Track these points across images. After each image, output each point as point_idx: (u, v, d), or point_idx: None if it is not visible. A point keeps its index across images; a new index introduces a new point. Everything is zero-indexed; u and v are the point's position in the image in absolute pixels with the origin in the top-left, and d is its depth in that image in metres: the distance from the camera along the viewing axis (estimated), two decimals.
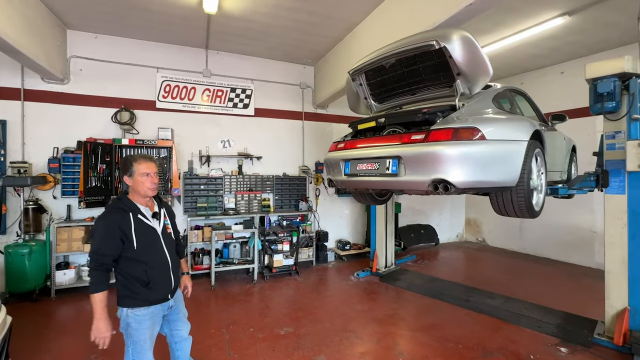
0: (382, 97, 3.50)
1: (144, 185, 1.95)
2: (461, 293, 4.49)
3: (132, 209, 1.94)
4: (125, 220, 1.88)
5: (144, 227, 1.95)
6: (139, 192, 1.96)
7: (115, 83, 5.18)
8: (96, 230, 1.88)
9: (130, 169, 1.95)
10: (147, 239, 1.96)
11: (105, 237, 1.84)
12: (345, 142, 3.16)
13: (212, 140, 5.79)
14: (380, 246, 5.48)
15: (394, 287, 4.85)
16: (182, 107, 5.57)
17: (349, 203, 6.98)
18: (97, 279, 1.83)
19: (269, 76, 6.22)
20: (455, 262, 6.45)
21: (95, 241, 1.85)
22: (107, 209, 1.95)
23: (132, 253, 1.89)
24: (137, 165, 1.94)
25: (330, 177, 3.32)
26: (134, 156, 2.01)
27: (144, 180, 1.95)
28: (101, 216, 1.91)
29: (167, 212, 2.22)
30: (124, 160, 2.03)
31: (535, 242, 6.73)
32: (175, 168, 5.13)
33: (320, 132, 6.71)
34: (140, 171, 1.94)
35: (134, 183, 1.95)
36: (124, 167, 1.99)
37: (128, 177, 1.96)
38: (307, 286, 4.95)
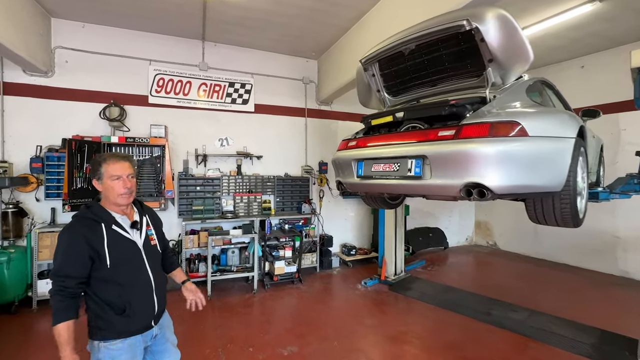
0: (397, 89, 3.13)
1: (114, 191, 1.60)
2: (480, 305, 4.12)
3: (105, 218, 1.59)
4: (96, 233, 1.54)
5: (119, 241, 1.60)
6: (109, 199, 1.62)
7: (104, 76, 4.80)
8: (58, 246, 1.52)
9: (99, 171, 1.60)
10: (124, 254, 1.61)
11: (69, 255, 1.49)
12: (358, 140, 2.78)
13: (209, 138, 5.41)
14: (389, 252, 5.10)
15: (405, 298, 4.48)
16: (176, 102, 5.19)
17: (354, 205, 6.61)
18: (59, 305, 1.45)
19: (270, 70, 5.84)
20: (468, 269, 6.08)
21: (57, 260, 1.49)
22: (74, 220, 1.58)
23: (105, 273, 1.53)
24: (105, 167, 1.60)
25: (339, 179, 2.94)
26: (103, 155, 1.66)
27: (114, 184, 1.60)
28: (65, 228, 1.55)
29: (151, 219, 1.85)
30: (92, 160, 1.68)
31: (552, 247, 6.35)
32: (169, 168, 4.76)
33: (324, 129, 6.33)
34: (110, 173, 1.59)
35: (103, 188, 1.61)
36: (92, 168, 1.64)
37: (97, 181, 1.62)
38: (312, 296, 4.58)
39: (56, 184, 4.39)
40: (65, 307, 1.46)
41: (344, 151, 2.87)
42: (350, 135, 3.05)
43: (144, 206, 1.88)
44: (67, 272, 1.46)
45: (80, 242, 1.49)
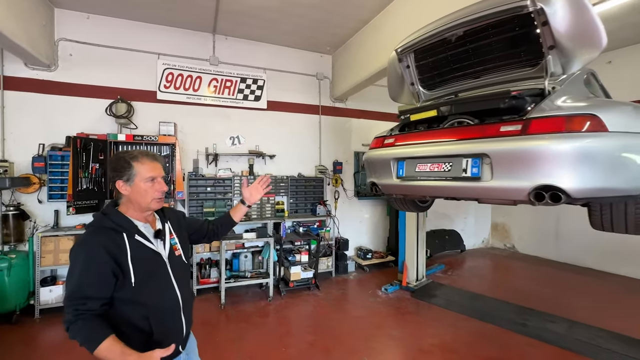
0: (433, 82, 2.86)
1: (147, 195, 1.36)
2: (512, 314, 3.86)
3: (126, 227, 1.33)
4: (118, 245, 1.28)
5: (144, 253, 1.35)
6: (139, 204, 1.37)
7: (111, 70, 4.53)
8: (75, 263, 1.23)
9: (129, 172, 1.34)
10: (150, 269, 1.35)
11: (90, 272, 1.22)
12: (396, 137, 2.52)
13: (219, 136, 5.14)
14: (410, 256, 4.84)
15: (430, 306, 4.22)
16: (186, 98, 4.92)
17: (369, 207, 6.34)
18: (86, 329, 1.18)
19: (282, 65, 5.57)
20: (490, 273, 5.81)
21: (73, 279, 1.21)
22: (90, 230, 1.32)
23: (128, 292, 1.28)
24: (138, 167, 1.35)
25: (373, 180, 2.68)
26: (132, 152, 1.39)
27: (148, 188, 1.36)
28: (81, 242, 1.27)
29: (174, 223, 1.59)
30: (117, 158, 1.38)
31: (575, 251, 6.08)
32: (179, 168, 4.49)
33: (339, 128, 6.07)
34: (144, 175, 1.35)
35: (132, 192, 1.35)
36: (117, 167, 1.36)
37: (124, 184, 1.35)
38: (331, 303, 4.31)
39: (60, 184, 4.12)
40: (96, 326, 1.20)
41: (379, 149, 2.61)
42: (385, 132, 2.79)
43: (165, 211, 1.61)
44: (87, 293, 1.20)
45: (102, 255, 1.23)
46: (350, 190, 6.09)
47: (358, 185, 6.15)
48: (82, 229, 4.07)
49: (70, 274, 1.23)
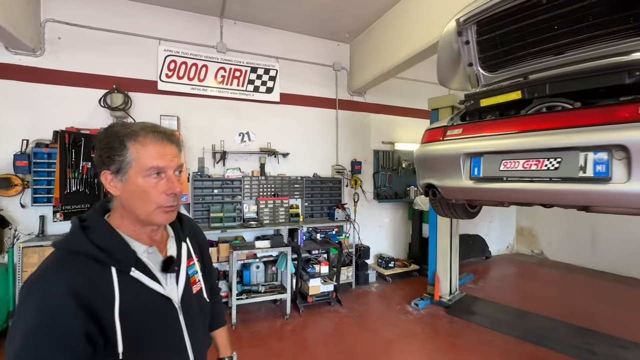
0: (499, 61, 2.33)
1: (149, 199, 0.82)
2: (571, 337, 3.33)
3: (117, 255, 0.80)
4: (100, 288, 0.76)
5: (144, 301, 0.83)
6: (134, 214, 0.84)
7: (105, 57, 3.99)
8: (20, 319, 0.71)
9: (121, 156, 0.80)
10: (150, 327, 0.83)
11: (45, 338, 0.68)
12: (464, 127, 1.99)
13: (228, 132, 4.60)
14: (443, 267, 4.30)
15: (471, 325, 3.68)
16: (190, 89, 4.38)
17: (390, 210, 5.81)
18: None
19: (296, 54, 5.04)
20: (526, 284, 5.27)
21: (14, 348, 0.68)
22: (53, 258, 0.77)
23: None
24: (137, 149, 0.81)
25: (430, 181, 2.13)
26: (131, 126, 0.83)
27: (150, 187, 0.82)
28: (34, 279, 0.74)
29: (193, 239, 1.09)
30: (107, 134, 0.83)
31: (614, 259, 5.57)
32: (184, 168, 3.94)
33: (357, 123, 5.53)
34: (145, 163, 0.81)
35: (125, 192, 0.82)
36: (103, 149, 0.82)
37: (113, 177, 0.82)
38: (357, 322, 3.77)
39: (46, 186, 3.58)
40: None
41: (440, 143, 2.07)
42: (440, 122, 2.25)
43: (183, 220, 1.07)
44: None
45: (67, 306, 0.70)
46: (370, 193, 5.56)
47: (378, 186, 5.62)
48: None
49: (10, 338, 0.70)
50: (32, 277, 0.74)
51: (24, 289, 0.73)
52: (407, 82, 5.82)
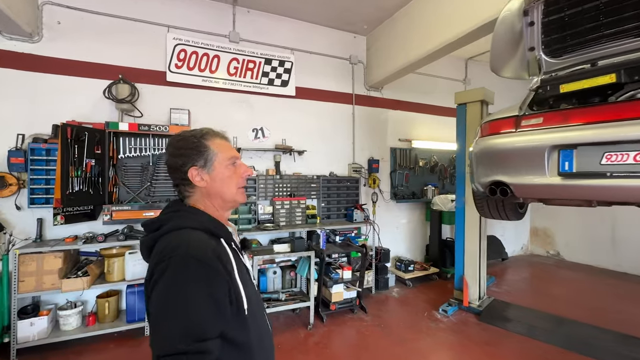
0: (564, 45, 2.09)
1: (232, 183, 0.99)
2: (617, 345, 3.12)
3: (223, 231, 0.94)
4: (222, 253, 0.87)
5: (242, 268, 0.94)
6: (222, 197, 0.98)
7: (109, 44, 3.65)
8: (178, 285, 0.76)
9: (205, 154, 0.95)
10: (250, 290, 0.94)
11: (209, 297, 0.77)
12: (546, 115, 1.74)
13: (241, 127, 4.30)
14: (472, 270, 4.07)
15: (507, 333, 3.46)
16: (201, 81, 4.07)
17: (406, 211, 5.57)
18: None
19: (312, 46, 4.76)
20: (551, 287, 5.06)
21: (180, 312, 0.74)
22: (183, 237, 0.83)
23: (236, 329, 0.85)
24: (216, 146, 0.98)
25: (501, 178, 1.87)
26: (197, 131, 1.00)
27: (231, 173, 0.99)
28: (182, 244, 0.81)
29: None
30: (182, 138, 0.98)
31: (637, 259, 5.43)
32: None
33: (374, 120, 5.28)
34: (225, 155, 0.99)
35: (213, 181, 0.96)
36: (186, 150, 0.95)
37: (200, 171, 0.95)
38: (385, 332, 3.51)
39: (45, 186, 3.24)
40: None
41: (513, 135, 1.82)
42: (509, 111, 1.99)
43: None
44: (207, 330, 0.75)
45: (219, 269, 0.82)
46: (387, 192, 5.31)
47: (395, 186, 5.37)
48: (74, 242, 3.18)
49: (172, 303, 0.75)
50: (177, 243, 0.80)
51: (177, 253, 0.77)
52: (424, 77, 5.60)
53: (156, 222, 0.89)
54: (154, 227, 0.88)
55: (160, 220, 0.89)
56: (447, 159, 5.90)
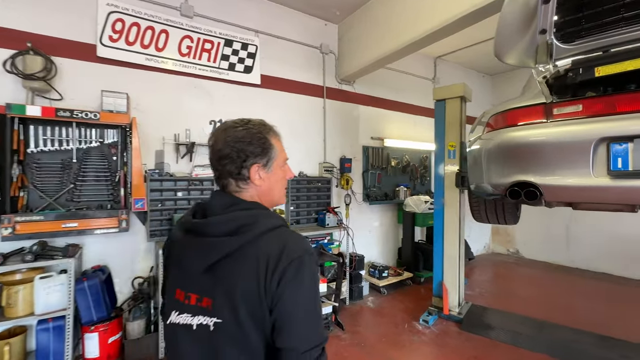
0: (578, 29, 1.87)
1: (282, 185, 1.00)
2: (601, 349, 3.07)
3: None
4: None
5: None
6: (271, 200, 0.96)
7: (14, 2, 2.78)
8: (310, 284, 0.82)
9: (270, 152, 0.93)
10: None
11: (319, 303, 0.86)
12: (587, 102, 1.44)
13: (196, 118, 3.62)
14: (452, 276, 3.86)
15: (492, 342, 3.27)
16: (144, 60, 3.33)
17: (379, 213, 5.28)
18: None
19: (279, 29, 4.23)
20: (520, 287, 5.09)
21: (312, 315, 0.82)
22: (289, 234, 0.87)
23: None
24: (278, 146, 0.96)
25: (529, 178, 1.55)
26: (264, 125, 0.95)
27: (283, 174, 0.99)
28: (305, 246, 0.84)
29: None
30: (249, 132, 0.90)
31: (588, 255, 5.74)
32: (138, 163, 2.89)
33: (346, 116, 4.90)
34: (282, 156, 0.98)
35: (268, 181, 0.93)
36: (252, 146, 0.89)
37: (262, 169, 0.91)
38: (366, 351, 3.11)
39: None
40: None
41: (544, 126, 1.51)
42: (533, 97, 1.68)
43: None
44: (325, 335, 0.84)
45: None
46: (359, 194, 4.96)
47: (367, 187, 5.04)
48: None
49: (314, 301, 0.83)
50: (303, 245, 0.83)
51: (304, 255, 0.81)
52: (395, 73, 5.36)
53: (237, 222, 0.82)
54: (232, 227, 0.81)
55: (245, 219, 0.83)
56: (417, 158, 5.74)
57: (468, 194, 2.62)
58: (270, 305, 0.76)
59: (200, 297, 0.81)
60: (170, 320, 0.84)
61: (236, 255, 0.78)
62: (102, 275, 2.88)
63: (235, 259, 0.78)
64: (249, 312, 0.76)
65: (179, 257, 0.87)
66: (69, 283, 2.58)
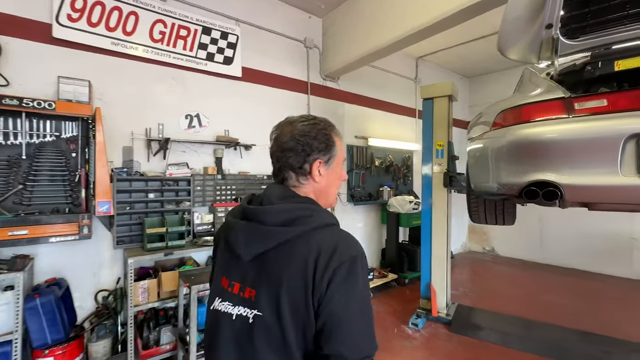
0: (582, 25, 1.85)
1: (338, 185, 0.97)
2: (585, 345, 3.13)
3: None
4: None
5: None
6: (327, 199, 0.94)
7: None
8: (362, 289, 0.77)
9: (332, 150, 0.91)
10: None
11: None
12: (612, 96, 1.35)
13: (170, 111, 3.29)
14: (440, 277, 3.81)
15: (482, 343, 3.23)
16: (110, 44, 2.95)
17: (363, 213, 5.17)
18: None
19: (261, 20, 3.97)
20: (501, 285, 5.18)
21: (369, 316, 0.78)
22: (344, 235, 0.83)
23: None
24: (339, 145, 0.94)
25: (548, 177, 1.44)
26: (327, 122, 0.93)
27: (340, 174, 0.96)
28: (359, 249, 0.82)
29: None
30: (315, 127, 0.89)
31: (559, 253, 6.00)
32: (104, 161, 2.52)
33: (330, 113, 4.73)
34: (342, 156, 0.95)
35: (328, 179, 0.92)
36: (317, 141, 0.88)
37: (323, 166, 0.90)
38: None
39: None
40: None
41: (566, 121, 1.41)
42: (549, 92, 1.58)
43: None
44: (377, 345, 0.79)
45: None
46: (344, 194, 4.81)
47: (352, 187, 4.91)
48: None
49: (365, 306, 0.78)
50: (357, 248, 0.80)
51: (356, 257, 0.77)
52: (379, 72, 5.29)
53: (293, 212, 0.79)
54: (288, 217, 0.78)
55: (301, 210, 0.80)
56: (400, 158, 5.70)
57: (467, 194, 2.54)
58: (317, 307, 0.72)
59: (243, 286, 0.79)
60: (213, 306, 0.84)
61: (286, 248, 0.76)
62: (59, 290, 2.49)
63: (285, 252, 0.76)
64: (292, 310, 0.72)
65: (230, 243, 0.84)
66: (16, 301, 2.19)
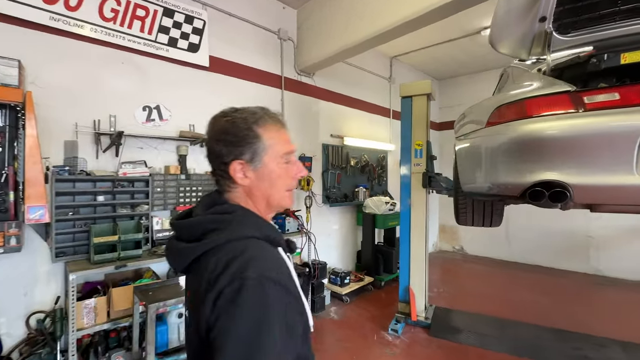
0: (575, 20, 1.81)
1: (282, 184, 0.81)
2: (557, 342, 3.18)
3: (277, 234, 0.80)
4: (284, 265, 0.74)
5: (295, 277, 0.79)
6: (266, 200, 0.80)
7: None
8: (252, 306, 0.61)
9: (254, 145, 0.77)
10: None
11: (287, 332, 0.65)
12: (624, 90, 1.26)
13: (124, 101, 2.87)
14: (419, 280, 3.72)
15: (462, 347, 3.17)
16: (48, 20, 2.48)
17: (338, 215, 4.99)
18: None
19: (231, 5, 3.64)
20: (473, 284, 5.27)
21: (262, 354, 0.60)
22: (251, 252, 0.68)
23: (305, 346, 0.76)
24: (268, 137, 0.78)
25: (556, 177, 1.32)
26: (254, 114, 0.78)
27: (283, 172, 0.80)
28: (257, 257, 0.68)
29: None
30: (231, 122, 0.77)
31: (524, 250, 6.26)
32: (38, 157, 2.07)
33: (305, 111, 4.50)
34: (279, 149, 0.79)
35: (258, 179, 0.78)
36: (233, 138, 0.76)
37: (245, 166, 0.77)
38: None
39: None
40: None
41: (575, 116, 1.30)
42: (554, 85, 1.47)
43: None
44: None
45: (292, 289, 0.70)
46: (319, 195, 4.60)
47: (327, 187, 4.71)
48: None
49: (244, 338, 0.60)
50: (252, 271, 0.63)
51: (253, 278, 0.62)
52: (355, 70, 5.16)
53: (201, 226, 0.73)
54: (197, 232, 0.72)
55: (209, 223, 0.73)
56: (375, 158, 5.60)
57: (455, 195, 2.43)
58: (208, 333, 0.63)
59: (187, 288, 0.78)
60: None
61: (197, 266, 0.69)
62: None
63: (196, 270, 0.70)
64: (200, 333, 0.65)
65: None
66: None
